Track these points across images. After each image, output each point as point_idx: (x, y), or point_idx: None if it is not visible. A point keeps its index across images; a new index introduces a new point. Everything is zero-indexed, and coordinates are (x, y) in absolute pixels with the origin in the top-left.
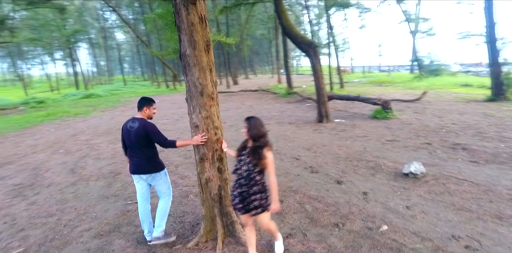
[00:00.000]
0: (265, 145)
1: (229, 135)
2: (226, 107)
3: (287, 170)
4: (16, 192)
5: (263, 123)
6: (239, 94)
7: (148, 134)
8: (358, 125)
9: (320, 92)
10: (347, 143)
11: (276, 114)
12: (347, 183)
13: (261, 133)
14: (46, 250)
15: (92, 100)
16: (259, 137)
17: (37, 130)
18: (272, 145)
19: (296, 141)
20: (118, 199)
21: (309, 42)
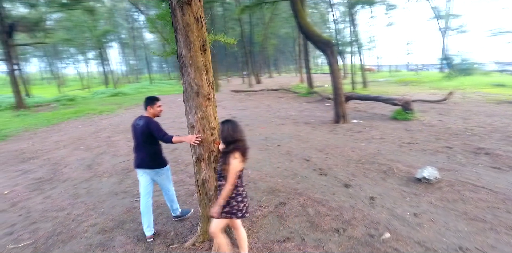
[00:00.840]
0: (232, 151)
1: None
2: (244, 106)
3: (296, 171)
4: (35, 186)
5: (237, 128)
6: (260, 93)
7: (151, 132)
8: (376, 126)
9: (337, 92)
10: (361, 145)
11: (293, 114)
12: (355, 187)
13: (230, 139)
14: (52, 243)
15: (118, 98)
16: (228, 142)
17: (63, 127)
18: (244, 152)
19: (309, 142)
20: (127, 196)
21: (326, 41)
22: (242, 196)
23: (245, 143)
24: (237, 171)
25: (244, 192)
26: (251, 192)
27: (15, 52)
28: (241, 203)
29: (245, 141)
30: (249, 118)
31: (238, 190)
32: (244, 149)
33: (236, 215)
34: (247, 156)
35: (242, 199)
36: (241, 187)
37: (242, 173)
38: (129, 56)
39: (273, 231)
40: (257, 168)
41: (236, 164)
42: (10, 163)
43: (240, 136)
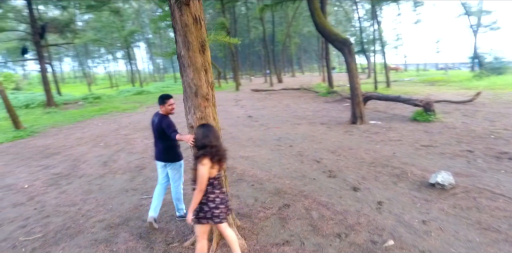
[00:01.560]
0: (200, 157)
1: (257, 134)
2: (263, 106)
3: (304, 173)
4: (53, 180)
5: (210, 133)
6: (280, 92)
7: (163, 129)
8: (394, 127)
9: (354, 92)
10: (376, 147)
11: (311, 114)
12: (364, 190)
13: (199, 144)
14: (60, 238)
15: (142, 97)
16: (198, 147)
17: (87, 124)
18: (216, 159)
19: (322, 143)
20: (136, 193)
21: (343, 40)
22: (216, 202)
23: (218, 150)
24: (206, 178)
25: (218, 199)
26: (257, 193)
27: (48, 52)
28: (216, 209)
29: (217, 147)
30: (265, 118)
31: (209, 197)
32: (215, 155)
33: (213, 220)
34: (222, 163)
35: (216, 206)
36: (212, 194)
37: (216, 180)
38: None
39: (274, 234)
40: (266, 168)
41: (204, 171)
42: (34, 158)
43: (210, 141)
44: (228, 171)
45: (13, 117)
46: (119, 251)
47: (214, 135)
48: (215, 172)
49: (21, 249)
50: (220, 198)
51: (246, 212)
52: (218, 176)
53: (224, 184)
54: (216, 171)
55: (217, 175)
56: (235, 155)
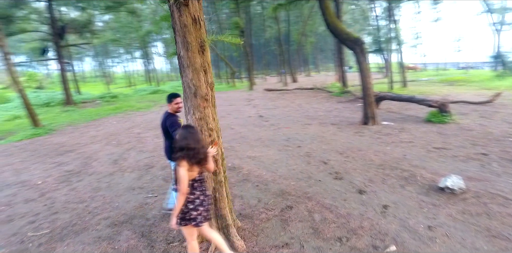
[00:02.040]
0: (179, 159)
1: (266, 134)
2: (275, 105)
3: (310, 174)
4: (65, 177)
5: (189, 135)
6: (293, 92)
7: (167, 127)
8: (407, 129)
9: (366, 92)
10: (386, 149)
11: (322, 114)
12: (370, 193)
13: (177, 145)
14: (66, 234)
15: (157, 96)
16: (177, 149)
17: (102, 122)
18: (195, 161)
19: (331, 144)
20: (142, 191)
21: (354, 39)
22: (195, 204)
23: (197, 152)
24: (186, 180)
25: (198, 200)
26: (261, 194)
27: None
28: (194, 211)
29: (196, 149)
30: (276, 118)
31: (188, 198)
32: (192, 158)
33: (190, 222)
34: (203, 166)
35: (195, 207)
36: (192, 195)
37: (197, 182)
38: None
39: (274, 236)
40: (272, 169)
41: (182, 173)
42: (50, 155)
43: (187, 144)
44: (234, 171)
45: (31, 115)
46: (121, 249)
47: (193, 137)
48: (195, 174)
49: (28, 244)
50: (200, 200)
51: (248, 213)
52: (199, 178)
53: (223, 186)
54: (196, 173)
55: (198, 177)
56: (243, 155)
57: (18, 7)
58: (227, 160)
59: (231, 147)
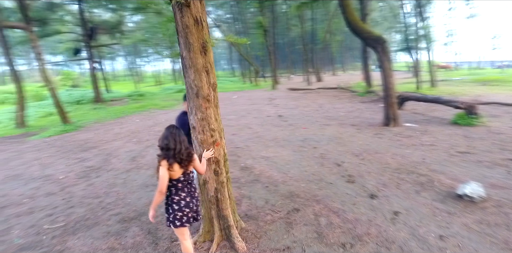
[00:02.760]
0: (159, 159)
1: (283, 134)
2: (295, 105)
3: (322, 176)
4: (85, 173)
5: (170, 136)
6: (317, 91)
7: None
8: (431, 131)
9: (387, 92)
10: (405, 152)
11: (343, 115)
12: (382, 198)
13: (160, 145)
14: (78, 228)
15: (181, 94)
16: (160, 148)
17: (126, 120)
18: (170, 160)
19: (348, 145)
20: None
21: (376, 37)
22: (180, 205)
23: (177, 153)
24: (164, 179)
25: (183, 202)
26: (269, 195)
27: (100, 52)
28: (179, 212)
29: (176, 150)
30: (295, 118)
31: (174, 199)
32: (170, 158)
33: (174, 223)
34: (186, 167)
35: (180, 208)
36: (177, 196)
37: (181, 183)
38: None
39: (276, 239)
40: (284, 170)
41: (161, 172)
42: (74, 151)
43: (167, 144)
44: (246, 171)
45: (61, 113)
46: (126, 244)
47: (174, 138)
48: (178, 174)
49: (43, 237)
50: (186, 202)
51: (254, 214)
52: (183, 179)
53: (226, 186)
54: (179, 173)
55: (182, 177)
56: (257, 155)
57: (51, 10)
58: (240, 159)
59: (246, 146)
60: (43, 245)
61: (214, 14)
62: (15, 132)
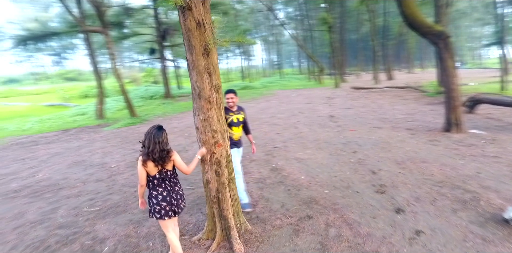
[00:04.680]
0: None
1: (326, 136)
2: (352, 105)
3: (351, 184)
4: (132, 163)
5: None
6: (382, 91)
7: None
8: (501, 140)
9: (450, 94)
10: (458, 163)
11: (401, 117)
12: (408, 214)
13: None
14: (108, 213)
15: (243, 92)
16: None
17: (186, 115)
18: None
19: (393, 152)
20: (184, 182)
21: (438, 32)
22: (158, 199)
23: (150, 151)
24: (141, 173)
25: (160, 196)
26: (288, 199)
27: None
28: (157, 206)
29: (150, 149)
30: (346, 119)
31: (152, 193)
32: (143, 155)
33: (154, 215)
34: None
35: (158, 202)
36: (155, 191)
37: (157, 179)
38: (271, 52)
39: (277, 245)
40: (313, 174)
41: (138, 168)
42: (132, 143)
43: (143, 142)
44: (275, 172)
45: (130, 107)
46: (141, 234)
47: (149, 137)
48: (154, 171)
49: (79, 218)
50: (163, 196)
51: (265, 217)
52: (158, 176)
53: (227, 188)
54: (154, 171)
55: (157, 175)
56: (291, 156)
57: (128, 14)
58: (273, 160)
59: (284, 146)
60: (76, 226)
61: (284, 11)
62: (94, 122)
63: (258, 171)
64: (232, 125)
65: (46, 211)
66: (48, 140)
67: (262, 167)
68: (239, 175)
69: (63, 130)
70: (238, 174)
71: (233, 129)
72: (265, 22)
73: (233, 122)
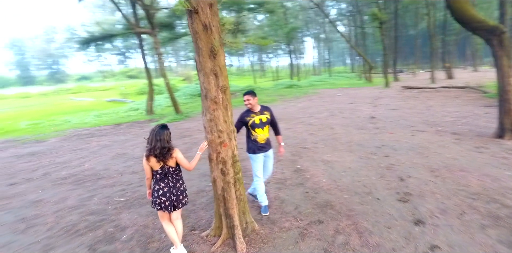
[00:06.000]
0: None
1: (360, 138)
2: (399, 106)
3: (373, 190)
4: None
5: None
6: (437, 91)
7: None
8: None
9: (504, 97)
10: (502, 174)
11: (449, 120)
12: (428, 226)
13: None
14: (134, 204)
15: (288, 90)
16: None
17: None
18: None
19: (430, 158)
20: (207, 179)
21: (491, 28)
22: (159, 193)
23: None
24: (145, 168)
25: (161, 191)
26: (303, 201)
27: None
28: (158, 199)
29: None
30: (388, 120)
31: (155, 187)
32: (148, 151)
33: (155, 206)
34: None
35: (159, 196)
36: (157, 185)
37: (159, 174)
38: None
39: (280, 248)
40: (336, 177)
41: (143, 162)
42: (173, 138)
43: (148, 140)
44: (298, 173)
45: (174, 104)
46: (157, 225)
47: (153, 135)
48: (156, 167)
49: (109, 206)
50: (163, 191)
51: (276, 219)
52: (160, 172)
53: (232, 187)
54: (157, 166)
55: (160, 170)
56: (318, 158)
57: (176, 16)
58: (300, 161)
59: (314, 147)
60: (104, 213)
61: (336, 7)
62: (144, 118)
63: (281, 171)
64: (254, 126)
65: (83, 198)
66: (101, 133)
67: (286, 167)
68: (259, 179)
69: (115, 124)
70: (258, 178)
71: (256, 131)
72: (317, 19)
73: (255, 123)
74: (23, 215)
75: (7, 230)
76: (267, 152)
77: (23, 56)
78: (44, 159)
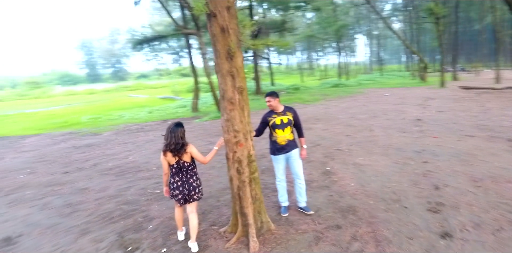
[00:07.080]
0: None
1: (400, 142)
2: (451, 108)
3: (402, 197)
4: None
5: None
6: (500, 92)
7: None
8: None
9: None
10: None
11: (508, 125)
12: (456, 241)
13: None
14: (164, 197)
15: (332, 90)
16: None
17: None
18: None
19: (475, 166)
20: None
21: None
22: (173, 186)
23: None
24: (162, 163)
25: (175, 184)
26: (325, 205)
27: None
28: (172, 191)
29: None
30: (435, 123)
31: (170, 180)
32: (165, 147)
33: (171, 196)
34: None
35: (173, 188)
36: (172, 179)
37: (175, 168)
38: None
39: (292, 250)
40: (364, 182)
41: (161, 157)
42: (211, 135)
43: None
44: (326, 175)
45: (217, 102)
46: None
47: (169, 131)
48: (172, 161)
49: (142, 198)
50: (177, 185)
51: (294, 220)
52: (176, 166)
53: (248, 186)
54: (173, 161)
55: (176, 164)
56: (350, 161)
57: None
58: (330, 163)
59: (348, 150)
60: (137, 204)
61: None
62: (189, 115)
63: (309, 173)
64: (275, 127)
65: (122, 189)
66: (149, 128)
67: (315, 169)
68: (279, 180)
69: (163, 120)
70: (278, 179)
71: (277, 131)
72: (369, 15)
73: (275, 124)
74: (70, 200)
75: (55, 213)
76: (289, 153)
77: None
78: (96, 151)
